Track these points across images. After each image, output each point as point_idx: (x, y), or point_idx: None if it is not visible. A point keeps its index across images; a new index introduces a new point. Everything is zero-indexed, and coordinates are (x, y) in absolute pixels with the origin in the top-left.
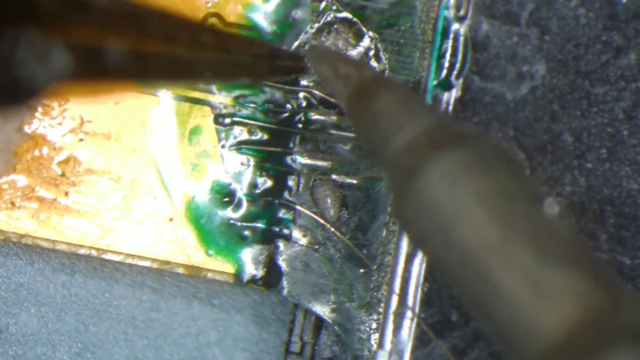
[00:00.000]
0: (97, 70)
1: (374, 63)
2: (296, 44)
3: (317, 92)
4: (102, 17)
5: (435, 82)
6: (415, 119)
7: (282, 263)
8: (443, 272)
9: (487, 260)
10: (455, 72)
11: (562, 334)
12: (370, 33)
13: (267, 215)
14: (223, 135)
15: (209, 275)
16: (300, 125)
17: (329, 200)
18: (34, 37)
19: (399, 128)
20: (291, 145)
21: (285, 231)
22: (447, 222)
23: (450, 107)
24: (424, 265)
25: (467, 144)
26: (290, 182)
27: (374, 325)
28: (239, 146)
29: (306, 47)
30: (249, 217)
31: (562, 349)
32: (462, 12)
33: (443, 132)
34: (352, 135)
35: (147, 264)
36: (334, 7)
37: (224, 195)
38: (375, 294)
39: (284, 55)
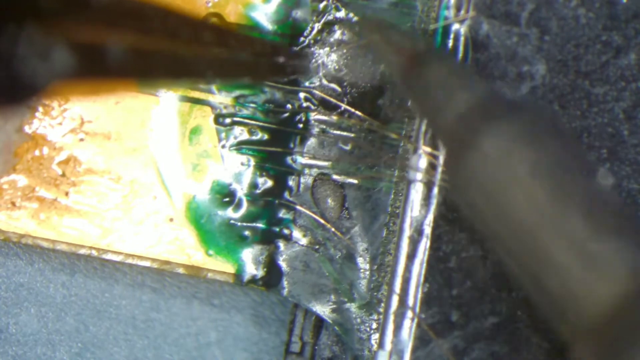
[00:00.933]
0: (97, 69)
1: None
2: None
3: (317, 92)
4: (103, 14)
5: None
6: (468, 89)
7: (283, 263)
8: (496, 242)
9: (541, 231)
10: None
11: (614, 305)
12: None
13: (268, 215)
14: (223, 135)
15: (209, 275)
16: (300, 125)
17: (329, 200)
18: (34, 35)
19: (452, 98)
20: (291, 145)
21: (286, 231)
22: (502, 192)
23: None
24: (424, 265)
25: (520, 115)
26: (291, 182)
27: (374, 325)
28: (240, 146)
29: (358, 18)
30: (249, 217)
31: (614, 319)
32: (462, 12)
33: (496, 103)
34: (352, 135)
35: (147, 264)
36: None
37: (224, 195)
38: (375, 293)
39: (285, 54)
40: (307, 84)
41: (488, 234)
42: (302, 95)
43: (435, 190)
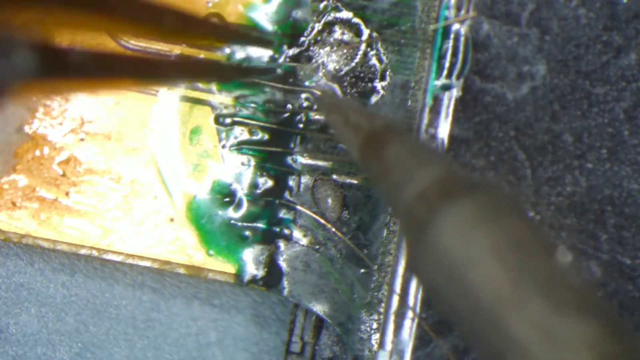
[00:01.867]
0: (61, 69)
1: (375, 62)
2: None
3: (317, 92)
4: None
5: (436, 82)
6: (426, 168)
7: (283, 263)
8: (457, 321)
9: (501, 311)
10: (455, 72)
11: None
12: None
13: (268, 215)
14: (224, 135)
15: (210, 275)
16: (300, 125)
17: (329, 201)
18: None
19: (410, 177)
20: (292, 145)
21: (286, 231)
22: (460, 272)
23: (451, 107)
24: None
25: (478, 194)
26: (291, 182)
27: (375, 325)
28: (240, 146)
29: (316, 95)
30: (249, 217)
31: None
32: (463, 12)
33: (454, 182)
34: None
35: (147, 264)
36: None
37: (225, 195)
38: (376, 294)
39: (249, 38)
40: (307, 83)
41: (449, 313)
42: (302, 95)
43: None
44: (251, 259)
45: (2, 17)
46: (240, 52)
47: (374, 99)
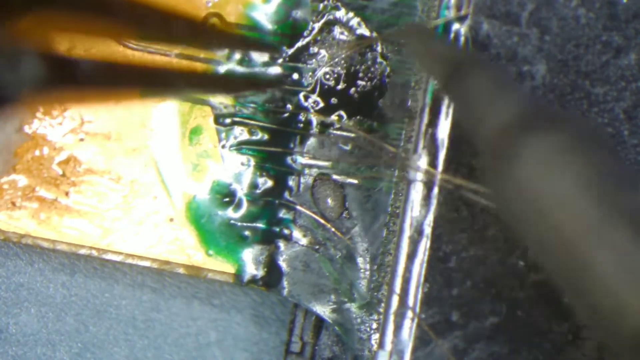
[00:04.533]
0: (69, 79)
1: (375, 62)
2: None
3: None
4: (69, 5)
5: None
6: (510, 100)
7: (283, 263)
8: (540, 254)
9: (586, 242)
10: None
11: None
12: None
13: (268, 215)
14: (223, 135)
15: (209, 275)
16: (300, 125)
17: (329, 201)
18: (3, 42)
19: (494, 110)
20: (291, 145)
21: (286, 231)
22: (545, 205)
23: (451, 107)
24: (424, 265)
25: (562, 127)
26: (291, 182)
27: (375, 326)
28: (240, 146)
29: (402, 26)
30: (249, 217)
31: None
32: (463, 11)
33: (538, 114)
34: (352, 135)
35: (147, 264)
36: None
37: (225, 195)
38: (375, 294)
39: (255, 47)
40: (305, 84)
41: (531, 244)
42: (302, 95)
43: (436, 190)
44: (251, 259)
45: (8, 22)
46: (240, 54)
47: (374, 98)
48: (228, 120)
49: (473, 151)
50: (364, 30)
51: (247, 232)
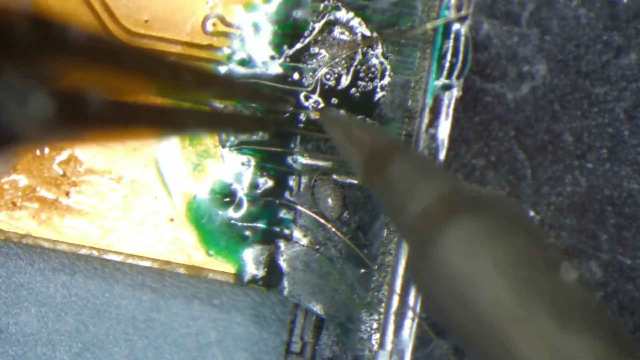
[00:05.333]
0: (77, 117)
1: (375, 62)
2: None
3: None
4: (82, 53)
5: (436, 82)
6: (430, 185)
7: (283, 263)
8: (462, 338)
9: (507, 328)
10: (456, 73)
11: None
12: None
13: (268, 215)
14: (224, 135)
15: (210, 275)
16: (300, 125)
17: (329, 200)
18: (14, 81)
19: (413, 194)
20: (292, 145)
21: (286, 231)
22: (465, 289)
23: (451, 107)
24: None
25: (482, 210)
26: (291, 182)
27: (375, 325)
28: (240, 146)
29: (318, 110)
30: (249, 217)
31: None
32: (463, 11)
33: (458, 198)
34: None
35: (147, 264)
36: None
37: (225, 195)
38: (376, 294)
39: (265, 97)
40: (306, 84)
41: (454, 330)
42: (302, 95)
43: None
44: (251, 259)
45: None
46: (241, 53)
47: (374, 98)
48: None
49: (473, 151)
50: (364, 31)
51: (247, 232)
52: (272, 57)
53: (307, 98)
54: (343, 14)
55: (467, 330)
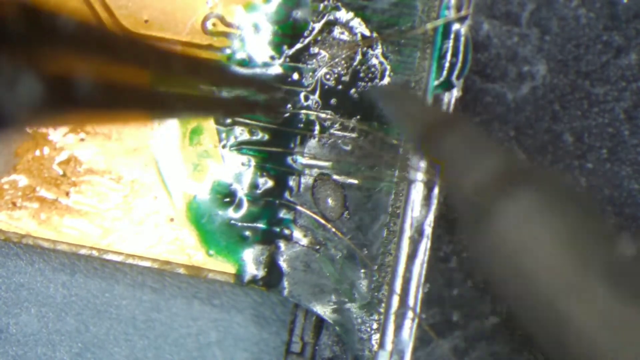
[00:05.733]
0: (68, 102)
1: (375, 62)
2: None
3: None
4: (71, 41)
5: (436, 82)
6: (487, 159)
7: (283, 263)
8: (519, 310)
9: (564, 298)
10: (456, 73)
11: None
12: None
13: (268, 215)
14: (224, 135)
15: (210, 275)
16: (300, 125)
17: (329, 201)
18: (3, 66)
19: (471, 169)
20: (292, 145)
21: (286, 231)
22: (523, 261)
23: (451, 107)
24: (425, 265)
25: (540, 183)
26: (291, 183)
27: (375, 326)
28: (240, 146)
29: (376, 86)
30: (249, 217)
31: None
32: (463, 11)
33: (515, 173)
34: (353, 135)
35: (147, 264)
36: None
37: (225, 195)
38: (376, 294)
39: (257, 86)
40: (306, 84)
41: (510, 299)
42: (302, 95)
43: (436, 190)
44: (251, 259)
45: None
46: (241, 53)
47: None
48: (228, 120)
49: None
50: (364, 30)
51: (247, 232)
52: (272, 57)
53: (307, 98)
54: (343, 14)
55: (524, 302)
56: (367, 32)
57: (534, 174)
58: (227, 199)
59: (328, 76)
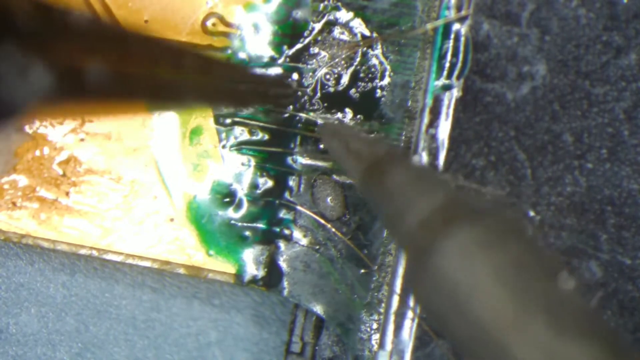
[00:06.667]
0: (77, 90)
1: (375, 62)
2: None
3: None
4: (83, 37)
5: (436, 83)
6: (428, 195)
7: (283, 263)
8: (461, 346)
9: (505, 335)
10: (456, 73)
11: None
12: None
13: (268, 215)
14: (224, 135)
15: (210, 275)
16: (300, 125)
17: (329, 200)
18: (13, 54)
19: (412, 205)
20: (292, 145)
21: (286, 231)
22: (463, 298)
23: (451, 108)
24: None
25: (481, 220)
26: (291, 183)
27: (375, 326)
28: (240, 146)
29: (318, 123)
30: (249, 218)
31: None
32: (463, 11)
33: (456, 208)
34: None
35: (147, 264)
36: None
37: (225, 195)
38: (376, 294)
39: (268, 82)
40: (306, 84)
41: (452, 339)
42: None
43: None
44: (251, 259)
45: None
46: (241, 53)
47: (374, 98)
48: (228, 121)
49: (473, 152)
50: (364, 31)
51: (247, 232)
52: (272, 57)
53: (308, 98)
54: (343, 14)
55: (465, 339)
56: (367, 32)
57: (477, 209)
58: (227, 199)
59: (328, 76)
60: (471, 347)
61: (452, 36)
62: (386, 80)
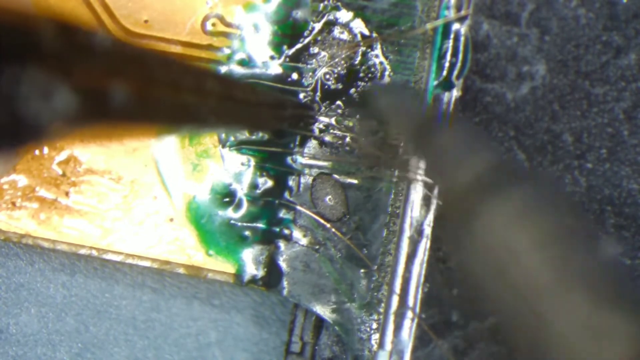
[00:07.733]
0: (99, 112)
1: (375, 62)
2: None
3: (317, 94)
4: (106, 60)
5: (436, 82)
6: (474, 159)
7: (283, 263)
8: (499, 311)
9: (544, 303)
10: (455, 72)
11: None
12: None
13: (268, 215)
14: (224, 135)
15: (210, 275)
16: (300, 125)
17: (329, 200)
18: (36, 76)
19: (461, 168)
20: (292, 145)
21: (286, 231)
22: (504, 262)
23: (451, 107)
24: (424, 265)
25: (525, 186)
26: (291, 182)
27: (375, 326)
28: (240, 146)
29: (367, 85)
30: (249, 217)
31: None
32: (463, 11)
33: (502, 173)
34: (353, 135)
35: (147, 264)
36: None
37: (225, 195)
38: (375, 294)
39: (290, 105)
40: (306, 84)
41: (491, 300)
42: (302, 94)
43: (436, 190)
44: (251, 259)
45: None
46: (241, 53)
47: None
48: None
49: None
50: (364, 31)
51: (247, 232)
52: (272, 57)
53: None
54: (343, 14)
55: (502, 302)
56: (366, 32)
57: (520, 176)
58: (227, 199)
59: (328, 76)
60: (508, 310)
61: (452, 36)
62: (386, 80)
